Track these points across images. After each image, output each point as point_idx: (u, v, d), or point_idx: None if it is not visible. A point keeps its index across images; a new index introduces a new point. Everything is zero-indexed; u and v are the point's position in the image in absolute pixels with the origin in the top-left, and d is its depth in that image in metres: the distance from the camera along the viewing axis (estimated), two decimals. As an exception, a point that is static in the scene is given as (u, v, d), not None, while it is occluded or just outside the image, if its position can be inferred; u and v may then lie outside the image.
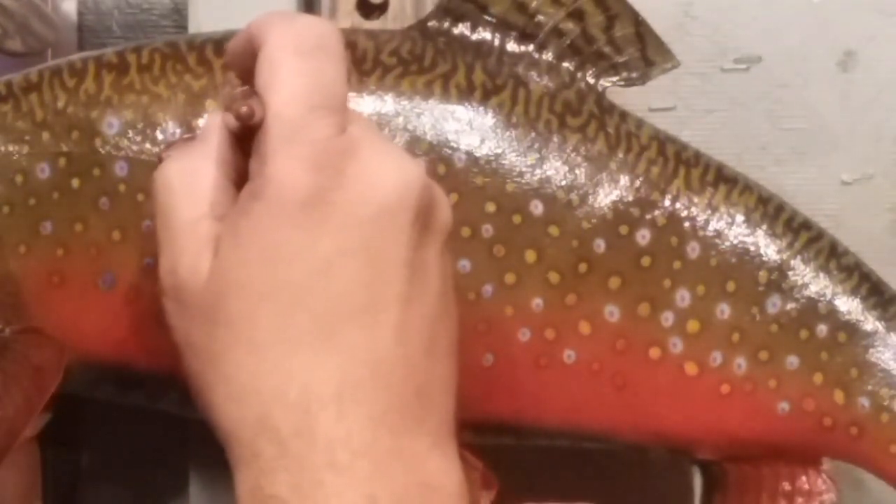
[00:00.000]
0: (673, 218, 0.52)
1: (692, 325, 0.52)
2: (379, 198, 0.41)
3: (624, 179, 0.52)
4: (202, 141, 0.44)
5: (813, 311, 0.53)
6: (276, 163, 0.40)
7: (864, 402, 0.53)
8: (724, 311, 0.52)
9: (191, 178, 0.43)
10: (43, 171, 0.51)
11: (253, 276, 0.40)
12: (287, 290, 0.40)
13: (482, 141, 0.51)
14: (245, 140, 0.42)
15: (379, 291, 0.41)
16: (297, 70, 0.41)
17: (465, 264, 0.51)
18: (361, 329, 0.41)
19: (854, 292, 0.53)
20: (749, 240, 0.53)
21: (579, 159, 0.52)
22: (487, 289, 0.51)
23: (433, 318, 0.42)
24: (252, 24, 0.43)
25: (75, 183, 0.50)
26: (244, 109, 0.41)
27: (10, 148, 0.51)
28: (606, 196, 0.52)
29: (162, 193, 0.43)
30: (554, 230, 0.51)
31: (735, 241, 0.53)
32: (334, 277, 0.40)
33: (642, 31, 0.53)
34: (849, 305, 0.53)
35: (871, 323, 0.53)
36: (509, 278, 0.51)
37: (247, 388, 0.40)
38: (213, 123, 0.43)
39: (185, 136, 0.43)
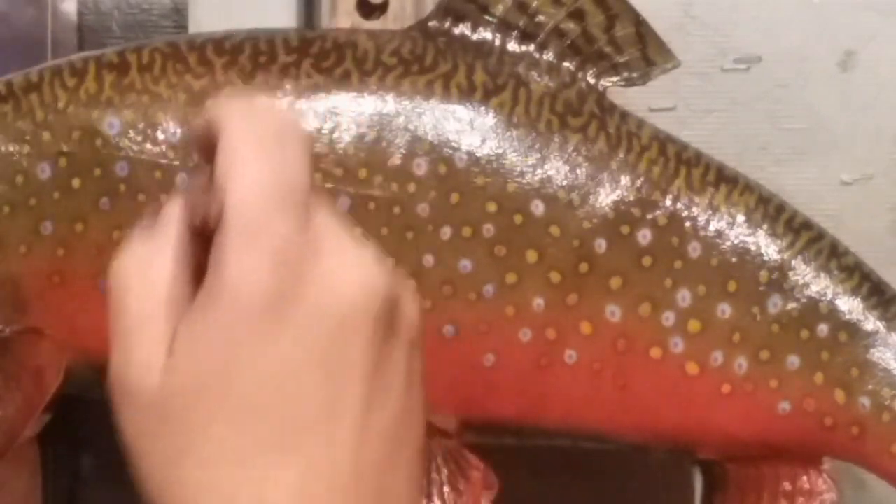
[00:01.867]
0: (674, 218, 0.52)
1: (693, 325, 0.52)
2: (340, 306, 0.39)
3: (625, 179, 0.52)
4: (161, 230, 0.41)
5: (814, 310, 0.53)
6: (233, 263, 0.38)
7: (865, 401, 0.53)
8: (724, 310, 0.52)
9: (147, 271, 0.41)
10: (43, 171, 0.51)
11: (207, 384, 0.39)
12: (242, 401, 0.39)
13: (483, 141, 0.51)
14: (205, 231, 0.40)
15: (338, 401, 0.39)
16: (258, 163, 0.39)
17: (466, 264, 0.51)
18: (319, 441, 0.39)
19: (855, 292, 0.53)
20: (750, 240, 0.53)
21: (580, 159, 0.52)
22: (488, 289, 0.51)
23: (396, 422, 0.40)
24: (213, 108, 0.41)
25: (76, 183, 0.50)
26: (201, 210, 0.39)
27: (11, 148, 0.51)
28: (607, 196, 0.52)
29: (117, 286, 0.41)
30: (555, 230, 0.51)
31: (736, 241, 0.53)
32: (292, 388, 0.39)
33: (643, 31, 0.53)
34: (849, 305, 0.53)
35: (871, 323, 0.53)
36: (510, 278, 0.51)
37: (198, 499, 0.39)
38: (172, 212, 0.41)
39: (144, 223, 0.41)
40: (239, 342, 0.39)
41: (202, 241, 0.41)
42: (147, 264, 0.41)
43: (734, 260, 0.52)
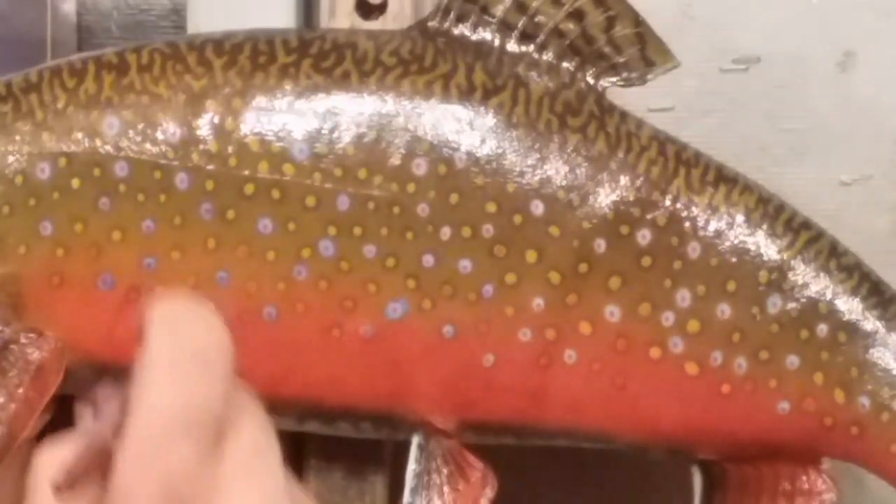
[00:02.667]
0: (673, 218, 0.52)
1: (693, 325, 0.52)
2: None
3: (624, 179, 0.52)
4: (75, 439, 0.41)
5: (813, 310, 0.53)
6: (122, 491, 0.37)
7: (865, 401, 0.53)
8: (724, 310, 0.52)
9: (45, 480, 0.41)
10: (43, 171, 0.51)
11: None
12: None
13: (483, 141, 0.51)
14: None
15: None
16: (165, 388, 0.38)
17: (465, 264, 0.51)
18: None
19: (854, 292, 0.53)
20: (749, 240, 0.53)
21: (580, 159, 0.52)
22: (488, 289, 0.51)
23: None
24: (151, 311, 0.40)
25: (75, 183, 0.50)
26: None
27: (10, 148, 0.51)
28: (607, 196, 0.52)
29: (28, 485, 0.41)
30: (554, 230, 0.51)
31: (735, 241, 0.53)
32: None
33: (642, 32, 0.53)
34: (849, 305, 0.53)
35: (871, 323, 0.53)
36: (510, 278, 0.51)
37: None
38: (84, 425, 0.41)
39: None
40: None
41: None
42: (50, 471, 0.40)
43: (734, 260, 0.52)
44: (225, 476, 0.38)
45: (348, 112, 0.51)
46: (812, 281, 0.53)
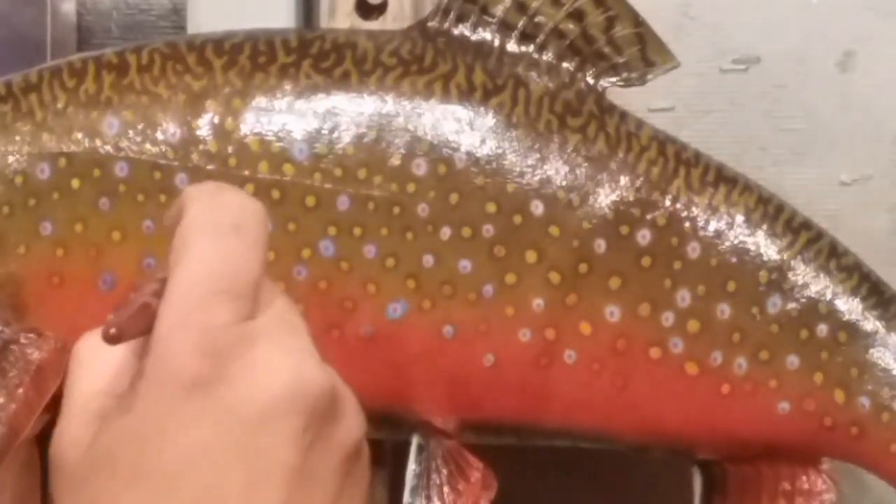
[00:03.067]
0: (673, 218, 0.52)
1: (692, 325, 0.52)
2: (265, 398, 0.39)
3: (624, 180, 0.52)
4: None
5: (813, 310, 0.53)
6: (164, 345, 0.39)
7: (865, 401, 0.53)
8: (724, 311, 0.52)
9: (98, 353, 0.42)
10: (43, 171, 0.51)
11: (123, 457, 0.39)
12: (154, 476, 0.39)
13: (483, 141, 0.51)
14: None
15: (254, 492, 0.39)
16: (205, 251, 0.40)
17: (465, 264, 0.51)
18: None
19: (854, 292, 0.53)
20: (749, 240, 0.53)
21: (579, 159, 0.52)
22: (488, 289, 0.51)
23: None
24: (184, 192, 0.42)
25: (75, 183, 0.50)
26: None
27: (10, 148, 0.51)
28: (607, 196, 0.52)
29: (72, 365, 0.43)
30: (554, 230, 0.51)
31: (735, 242, 0.53)
32: (206, 470, 0.38)
33: (642, 32, 0.53)
34: (849, 305, 0.53)
35: (871, 323, 0.53)
36: (510, 278, 0.51)
37: None
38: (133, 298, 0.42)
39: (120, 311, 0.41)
40: (157, 420, 0.39)
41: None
42: (100, 347, 0.41)
43: (734, 260, 0.52)
44: (258, 333, 0.40)
45: (348, 112, 0.51)
46: (812, 281, 0.53)
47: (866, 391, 0.53)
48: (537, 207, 0.51)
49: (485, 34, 0.53)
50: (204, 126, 0.51)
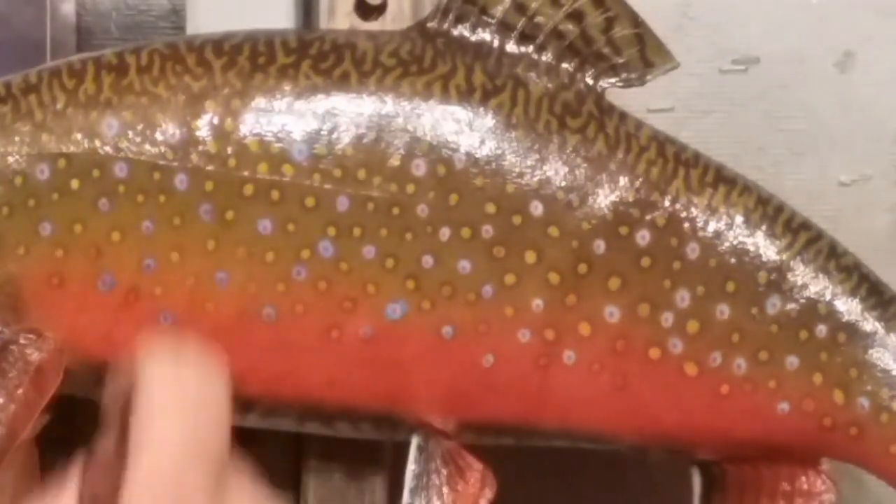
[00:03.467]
0: (673, 219, 0.52)
1: (692, 326, 0.52)
2: None
3: (623, 180, 0.52)
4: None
5: (812, 311, 0.53)
6: None
7: (864, 402, 0.53)
8: (723, 311, 0.52)
9: None
10: (42, 172, 0.51)
11: None
12: None
13: (482, 142, 0.51)
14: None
15: None
16: (171, 422, 0.39)
17: (465, 265, 0.51)
18: None
19: (853, 293, 0.53)
20: (748, 240, 0.53)
21: (579, 160, 0.52)
22: (487, 289, 0.51)
23: None
24: (137, 362, 0.41)
25: (75, 184, 0.50)
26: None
27: (9, 149, 0.51)
28: (606, 197, 0.52)
29: None
30: (554, 231, 0.51)
31: (735, 242, 0.53)
32: None
33: (641, 33, 0.53)
34: (848, 306, 0.53)
35: (870, 323, 0.53)
36: (509, 279, 0.51)
37: None
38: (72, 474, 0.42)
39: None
40: None
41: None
42: None
43: (733, 261, 0.52)
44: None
45: (347, 113, 0.51)
46: (811, 281, 0.53)
47: (866, 392, 0.53)
48: (537, 208, 0.51)
49: (484, 35, 0.53)
50: (203, 127, 0.51)
